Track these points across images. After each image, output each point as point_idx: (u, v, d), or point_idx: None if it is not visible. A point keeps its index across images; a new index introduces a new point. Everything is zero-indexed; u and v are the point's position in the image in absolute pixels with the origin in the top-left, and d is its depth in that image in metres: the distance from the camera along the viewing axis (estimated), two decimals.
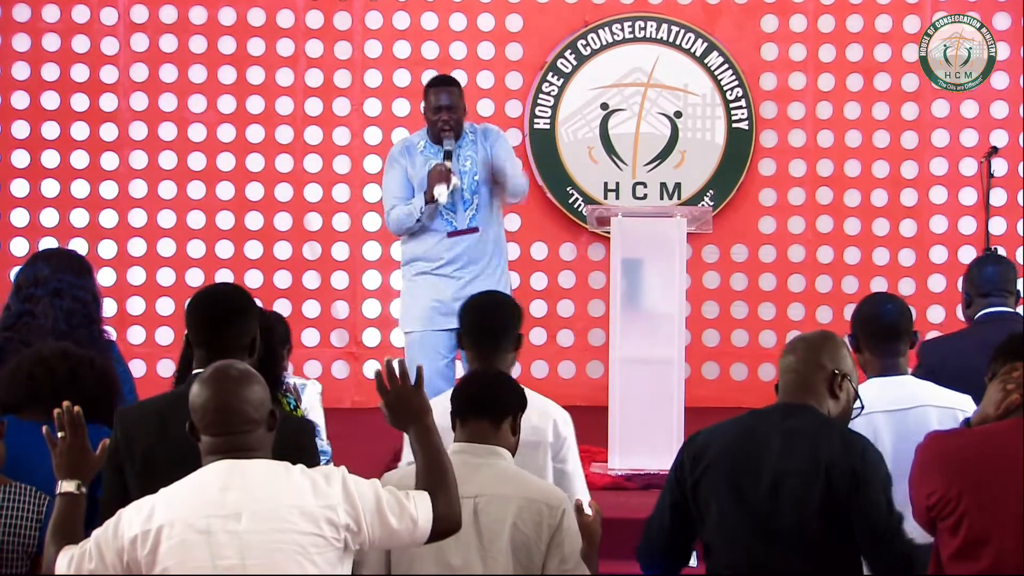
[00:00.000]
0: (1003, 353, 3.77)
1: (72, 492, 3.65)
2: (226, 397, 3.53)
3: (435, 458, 3.66)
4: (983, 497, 3.53)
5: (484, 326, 4.84)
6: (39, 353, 4.48)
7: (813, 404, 4.06)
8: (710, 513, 3.99)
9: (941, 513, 3.57)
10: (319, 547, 3.43)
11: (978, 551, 3.52)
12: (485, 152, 7.09)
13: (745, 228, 9.48)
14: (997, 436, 3.62)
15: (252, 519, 3.42)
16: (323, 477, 3.50)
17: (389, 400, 3.71)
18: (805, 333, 4.40)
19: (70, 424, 3.67)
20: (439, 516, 3.58)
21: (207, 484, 3.47)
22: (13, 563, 3.98)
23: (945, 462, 3.60)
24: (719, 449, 4.04)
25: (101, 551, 3.47)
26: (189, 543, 3.40)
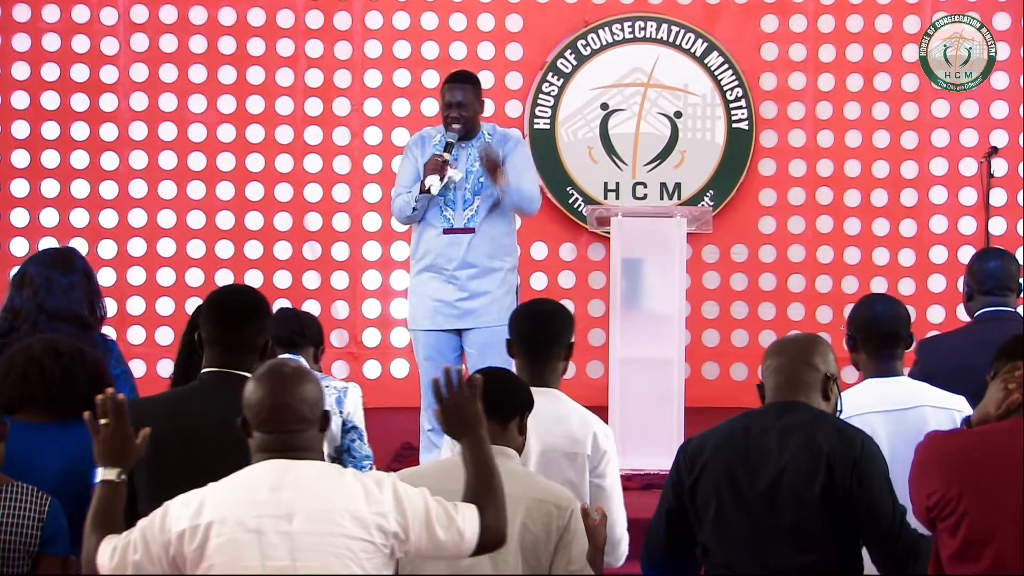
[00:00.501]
0: (1005, 352, 3.77)
1: (113, 480, 3.59)
2: (281, 394, 3.50)
3: (485, 470, 3.63)
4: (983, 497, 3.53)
5: (534, 336, 4.73)
6: (30, 352, 4.45)
7: (805, 401, 4.07)
8: (708, 514, 4.00)
9: (941, 513, 3.57)
10: (368, 552, 3.41)
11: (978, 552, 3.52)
12: (499, 153, 7.04)
13: (745, 228, 9.49)
14: (998, 436, 3.62)
15: (304, 520, 3.39)
16: (375, 483, 3.48)
17: (446, 408, 3.70)
18: (790, 335, 4.39)
19: (113, 411, 3.61)
20: (486, 529, 3.56)
21: (259, 482, 3.44)
22: (14, 562, 3.98)
23: (945, 462, 3.60)
24: (715, 450, 4.05)
25: (147, 543, 3.43)
26: (239, 542, 3.37)
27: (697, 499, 4.02)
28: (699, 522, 4.03)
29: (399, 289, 9.41)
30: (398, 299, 9.41)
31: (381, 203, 9.41)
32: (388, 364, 9.43)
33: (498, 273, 7.03)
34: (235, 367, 4.05)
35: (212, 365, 4.07)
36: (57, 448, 4.30)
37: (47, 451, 4.27)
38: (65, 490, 4.14)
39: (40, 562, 4.00)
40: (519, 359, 4.75)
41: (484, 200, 6.99)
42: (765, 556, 3.92)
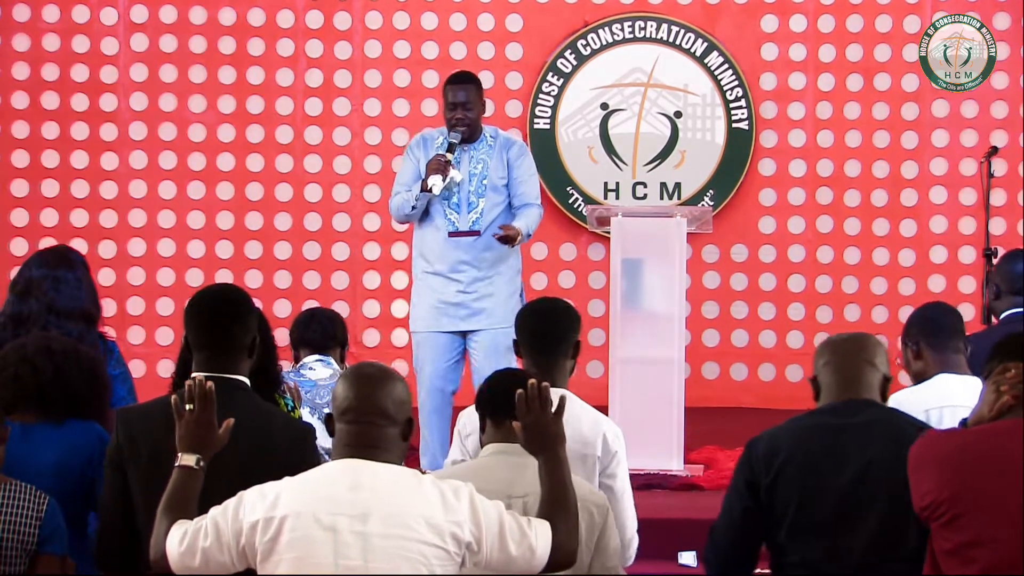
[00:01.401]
0: (998, 352, 3.76)
1: (191, 466, 3.57)
2: (368, 386, 3.51)
3: (561, 488, 3.61)
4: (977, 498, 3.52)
5: (541, 333, 4.70)
6: (23, 351, 4.44)
7: (872, 399, 4.06)
8: (787, 513, 3.97)
9: (935, 514, 3.56)
10: (441, 560, 3.39)
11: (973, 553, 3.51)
12: (503, 160, 7.02)
13: (745, 228, 9.48)
14: (993, 437, 3.61)
15: (380, 522, 3.37)
16: (452, 492, 3.46)
17: (527, 424, 3.68)
18: (847, 334, 4.34)
19: (200, 397, 3.60)
20: (557, 547, 3.53)
21: (337, 480, 3.43)
22: (12, 561, 3.97)
23: (940, 463, 3.60)
24: (792, 448, 4.00)
25: (218, 530, 3.41)
26: (313, 538, 3.36)
27: (776, 498, 3.98)
28: (775, 521, 4.00)
29: (399, 289, 9.41)
30: (398, 299, 9.41)
31: (381, 203, 9.40)
32: (388, 364, 9.40)
33: (504, 275, 7.03)
34: (225, 370, 3.99)
35: (202, 369, 4.02)
36: (50, 447, 4.29)
37: (40, 450, 4.26)
38: (59, 489, 4.13)
39: (38, 561, 3.99)
40: (526, 358, 4.72)
41: (489, 203, 6.99)
42: (847, 554, 3.90)
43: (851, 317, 9.47)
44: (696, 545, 6.32)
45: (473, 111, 6.97)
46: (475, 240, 6.99)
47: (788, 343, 9.47)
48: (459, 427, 4.70)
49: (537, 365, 4.66)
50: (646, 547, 6.16)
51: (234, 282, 9.05)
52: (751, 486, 4.03)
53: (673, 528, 6.41)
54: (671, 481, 6.97)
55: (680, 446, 7.05)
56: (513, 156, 7.03)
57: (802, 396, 9.85)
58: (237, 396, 3.97)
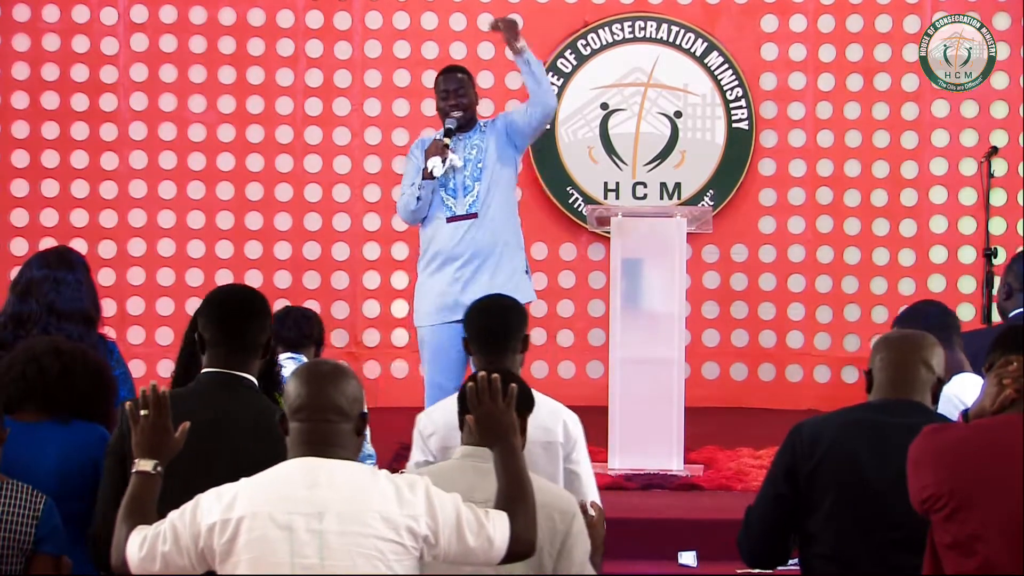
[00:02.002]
0: (1000, 345, 3.75)
1: (148, 472, 3.59)
2: (320, 384, 3.52)
3: (517, 479, 3.63)
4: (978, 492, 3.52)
5: (490, 329, 4.77)
6: (31, 351, 4.45)
7: (922, 402, 4.06)
8: (824, 503, 3.98)
9: (935, 507, 3.56)
10: (398, 555, 3.40)
11: (972, 546, 3.51)
12: (498, 137, 7.04)
13: (745, 228, 9.48)
14: (992, 431, 3.61)
15: (335, 520, 3.39)
16: (407, 486, 3.47)
17: (479, 416, 3.71)
18: (906, 331, 4.35)
19: (155, 403, 3.62)
20: (516, 538, 3.55)
21: (293, 479, 3.44)
22: (8, 560, 3.97)
23: (939, 456, 3.59)
24: (836, 439, 4.01)
25: (177, 533, 3.43)
26: (270, 537, 3.37)
27: (814, 487, 3.99)
28: (809, 510, 4.01)
29: (399, 289, 9.41)
30: (398, 299, 9.42)
31: (381, 203, 9.41)
32: (388, 364, 9.43)
33: (507, 260, 7.02)
34: (236, 368, 4.04)
35: (213, 365, 4.05)
36: (54, 447, 4.29)
37: (44, 449, 4.27)
38: (62, 489, 4.14)
39: (34, 561, 3.99)
40: (477, 355, 4.77)
41: (484, 186, 7.00)
42: (879, 551, 3.91)
43: (851, 317, 9.47)
44: (696, 545, 6.33)
45: (466, 97, 7.00)
46: (472, 224, 6.98)
47: (788, 343, 9.47)
48: (420, 428, 4.72)
49: (489, 361, 4.70)
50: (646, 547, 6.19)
51: (234, 282, 9.08)
52: (790, 472, 4.04)
53: (673, 528, 6.42)
54: (671, 481, 6.96)
55: (680, 446, 7.05)
56: (502, 122, 7.08)
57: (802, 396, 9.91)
58: (245, 394, 4.00)
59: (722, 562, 5.96)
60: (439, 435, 4.13)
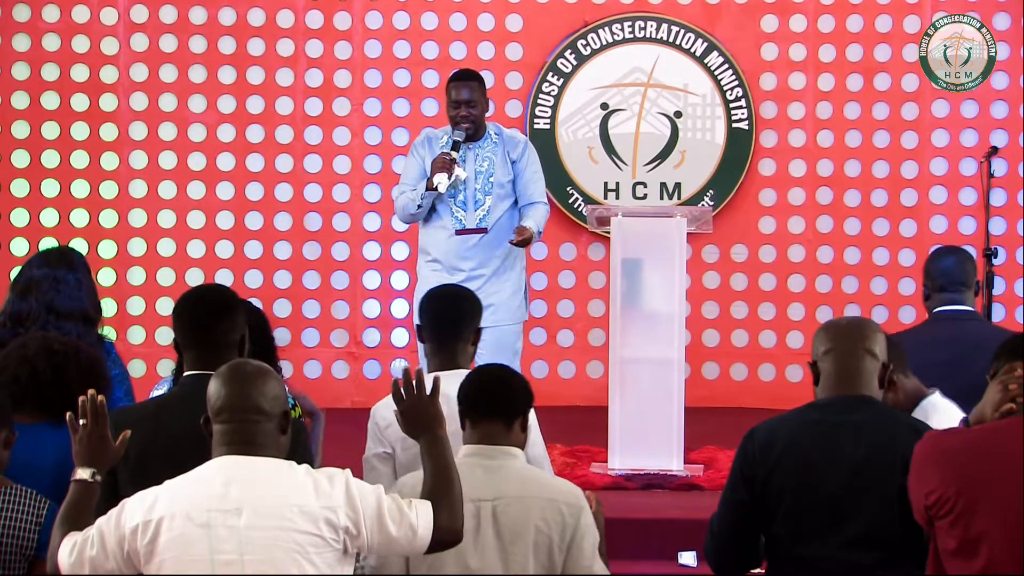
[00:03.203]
0: (1006, 352, 3.75)
1: (86, 480, 3.65)
2: (240, 385, 3.55)
3: (443, 469, 3.67)
4: (981, 495, 3.52)
5: (446, 318, 4.83)
6: (24, 352, 4.44)
7: (870, 395, 4.06)
8: (781, 508, 4.00)
9: (939, 512, 3.56)
10: (318, 547, 3.43)
11: (975, 549, 3.51)
12: (507, 158, 7.03)
13: (745, 228, 9.48)
14: (996, 434, 3.61)
15: (253, 515, 3.42)
16: (326, 478, 3.51)
17: (404, 409, 3.76)
18: (847, 319, 4.34)
19: (92, 412, 3.66)
20: (439, 527, 3.59)
21: (210, 478, 3.48)
22: (11, 565, 3.97)
23: (943, 461, 3.59)
24: (788, 443, 4.03)
25: (103, 538, 3.48)
26: (188, 536, 3.41)
27: (770, 492, 4.01)
28: (769, 514, 4.03)
29: (399, 289, 9.42)
30: (398, 299, 9.42)
31: (381, 203, 9.41)
32: (388, 364, 9.43)
33: (510, 273, 7.04)
34: (214, 368, 4.03)
35: (191, 368, 4.08)
36: (50, 448, 4.29)
37: (40, 451, 4.26)
38: (58, 491, 4.11)
39: (36, 566, 3.99)
40: (431, 343, 4.83)
41: (495, 200, 7.00)
42: (836, 551, 3.92)
43: None
44: (696, 545, 6.32)
45: (477, 108, 6.99)
46: (482, 238, 7.01)
47: (788, 343, 9.47)
48: (376, 419, 4.74)
49: (442, 348, 4.79)
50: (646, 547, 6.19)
51: (234, 282, 9.10)
52: (746, 478, 4.06)
53: (673, 528, 6.42)
54: (671, 481, 6.97)
55: (680, 446, 7.05)
56: (517, 157, 7.04)
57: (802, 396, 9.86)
58: None
59: None
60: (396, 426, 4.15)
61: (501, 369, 4.33)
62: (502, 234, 7.04)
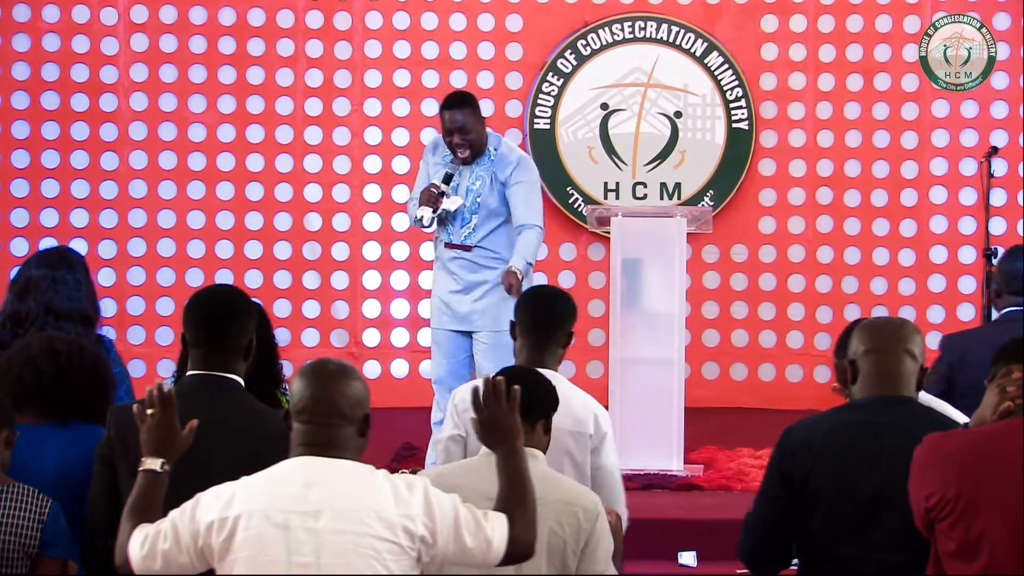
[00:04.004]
0: (1003, 356, 3.76)
1: (155, 470, 3.59)
2: (323, 386, 3.51)
3: (518, 481, 3.64)
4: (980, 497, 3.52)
5: (541, 317, 4.83)
6: (27, 352, 4.44)
7: (909, 396, 4.05)
8: (818, 506, 3.99)
9: (940, 514, 3.56)
10: (394, 554, 3.40)
11: (976, 550, 3.51)
12: (495, 186, 7.00)
13: (745, 228, 9.48)
14: (996, 436, 3.61)
15: (332, 518, 3.39)
16: (405, 485, 3.48)
17: (483, 419, 3.72)
18: (887, 319, 4.33)
19: (160, 401, 3.62)
20: (514, 540, 3.55)
21: (289, 478, 3.45)
22: (13, 563, 3.97)
23: (944, 463, 3.60)
24: (827, 442, 4.01)
25: (177, 532, 3.44)
26: (266, 536, 3.38)
27: (808, 490, 3.99)
28: (806, 513, 4.01)
29: (399, 289, 9.42)
30: (398, 299, 9.42)
31: (381, 203, 9.42)
32: (388, 364, 9.43)
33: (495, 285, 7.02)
34: (219, 369, 4.05)
35: (196, 367, 4.07)
36: (53, 449, 4.29)
37: (43, 452, 4.26)
38: (61, 491, 4.13)
39: (39, 564, 3.98)
40: (521, 340, 4.83)
41: (482, 219, 7.01)
42: (871, 552, 3.92)
43: (851, 317, 9.43)
44: (696, 545, 6.33)
45: (472, 133, 6.96)
46: (465, 255, 7.03)
47: (788, 343, 9.47)
48: (456, 402, 4.76)
49: (532, 348, 4.79)
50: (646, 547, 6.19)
51: (234, 282, 9.08)
52: (784, 476, 4.04)
53: (673, 528, 6.42)
54: (671, 481, 6.97)
55: (680, 446, 7.06)
56: (505, 179, 7.00)
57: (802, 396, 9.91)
58: (231, 395, 4.01)
59: (722, 562, 5.97)
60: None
61: (527, 371, 4.33)
62: (487, 253, 7.03)
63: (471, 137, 6.94)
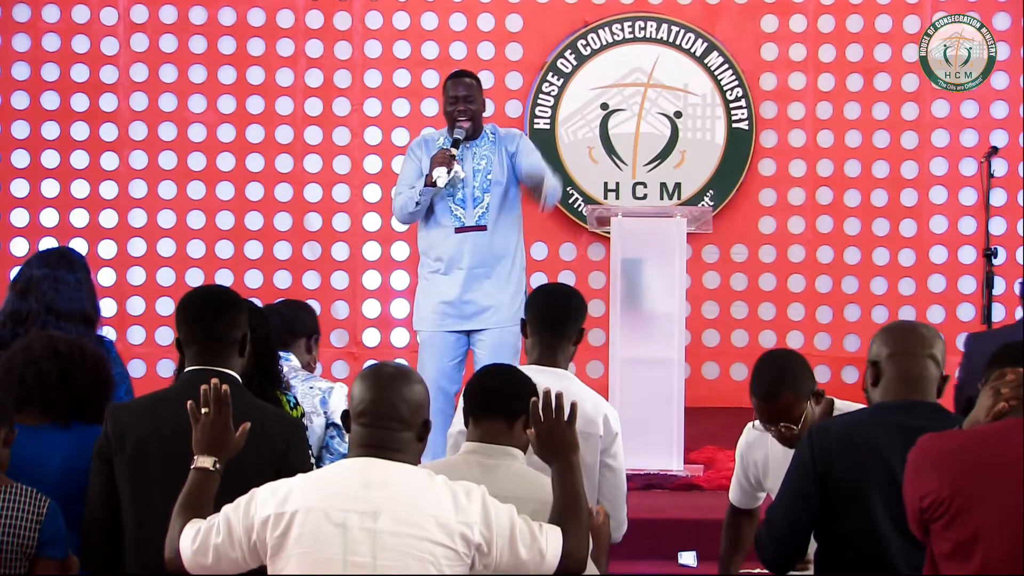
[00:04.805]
0: (997, 359, 3.76)
1: (208, 468, 3.61)
2: (382, 390, 3.53)
3: (573, 496, 3.64)
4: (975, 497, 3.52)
5: (553, 314, 4.85)
6: (29, 353, 4.44)
7: (937, 403, 4.04)
8: (855, 505, 3.96)
9: (934, 515, 3.56)
10: (450, 560, 3.40)
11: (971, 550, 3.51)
12: (505, 155, 7.03)
13: (745, 228, 9.48)
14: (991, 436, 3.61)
15: (390, 520, 3.39)
16: (464, 493, 3.48)
17: (542, 432, 3.71)
18: (910, 324, 4.31)
19: (216, 400, 3.63)
20: (567, 554, 3.55)
21: (349, 477, 3.45)
22: (12, 564, 3.96)
23: (938, 464, 3.59)
24: (867, 442, 3.99)
25: (230, 526, 3.44)
26: (323, 534, 3.38)
27: (846, 489, 3.97)
28: (838, 512, 3.99)
29: (399, 289, 9.42)
30: (398, 299, 9.42)
31: (381, 203, 9.41)
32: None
33: (510, 273, 7.04)
34: (214, 364, 4.05)
35: (191, 364, 4.08)
36: (54, 450, 4.28)
37: (44, 453, 4.26)
38: (63, 492, 4.13)
39: (37, 565, 3.98)
40: (533, 337, 4.84)
41: (493, 198, 7.00)
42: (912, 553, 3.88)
43: (851, 317, 9.47)
44: (696, 545, 6.33)
45: (475, 104, 7.00)
46: (481, 236, 7.00)
47: (788, 343, 9.46)
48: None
49: (544, 345, 4.81)
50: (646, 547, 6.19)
51: (234, 282, 9.11)
52: (819, 473, 4.01)
53: (673, 528, 6.42)
54: (671, 481, 6.97)
55: (680, 446, 7.06)
56: (515, 149, 7.05)
57: None
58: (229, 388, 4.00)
59: None
60: None
61: (506, 369, 4.33)
62: (503, 233, 7.03)
63: (474, 107, 6.99)
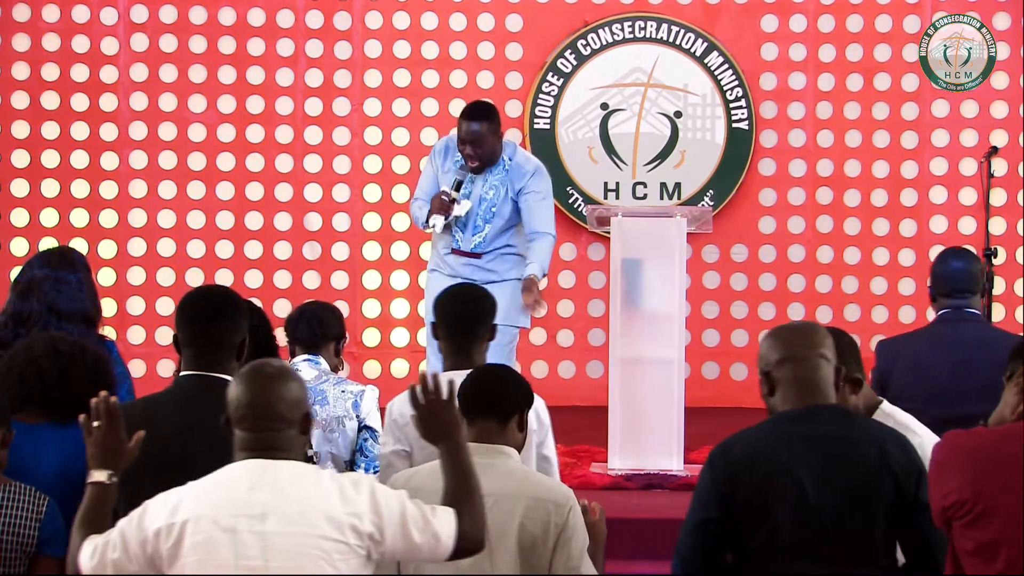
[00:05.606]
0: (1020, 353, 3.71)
1: (103, 482, 3.62)
2: (260, 392, 3.52)
3: (464, 475, 3.63)
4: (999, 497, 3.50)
5: (462, 315, 4.87)
6: (30, 352, 4.44)
7: (839, 405, 3.95)
8: (761, 524, 3.81)
9: (957, 513, 3.54)
10: (343, 553, 3.41)
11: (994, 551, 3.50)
12: (509, 196, 7.02)
13: (745, 228, 9.48)
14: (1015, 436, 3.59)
15: (278, 521, 3.40)
16: (351, 484, 3.49)
17: (422, 414, 3.71)
18: (795, 325, 4.25)
19: (106, 413, 3.64)
20: (462, 534, 3.55)
21: (235, 482, 3.46)
22: (11, 563, 3.97)
23: (963, 462, 3.57)
24: (774, 457, 3.86)
25: (125, 541, 3.45)
26: (213, 540, 3.39)
27: (754, 507, 3.81)
28: (746, 531, 3.83)
29: (399, 289, 9.42)
30: (398, 299, 9.42)
31: (381, 203, 9.42)
32: (388, 364, 9.43)
33: (507, 278, 7.05)
34: (211, 369, 4.06)
35: (188, 367, 4.08)
36: (54, 449, 4.29)
37: (44, 452, 4.26)
38: (62, 491, 4.13)
39: (37, 563, 3.99)
40: (446, 341, 4.85)
41: (493, 229, 7.04)
42: (826, 568, 3.77)
43: (851, 317, 9.47)
44: None
45: (484, 146, 6.95)
46: (475, 262, 7.07)
47: None
48: (395, 416, 4.73)
49: (457, 347, 4.83)
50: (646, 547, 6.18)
51: (234, 282, 9.10)
52: (723, 495, 3.86)
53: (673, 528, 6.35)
54: (671, 481, 6.96)
55: (680, 446, 7.05)
56: (523, 186, 7.02)
57: None
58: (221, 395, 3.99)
59: None
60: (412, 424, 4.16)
61: (499, 368, 4.34)
62: (498, 261, 7.08)
63: (483, 151, 6.94)
